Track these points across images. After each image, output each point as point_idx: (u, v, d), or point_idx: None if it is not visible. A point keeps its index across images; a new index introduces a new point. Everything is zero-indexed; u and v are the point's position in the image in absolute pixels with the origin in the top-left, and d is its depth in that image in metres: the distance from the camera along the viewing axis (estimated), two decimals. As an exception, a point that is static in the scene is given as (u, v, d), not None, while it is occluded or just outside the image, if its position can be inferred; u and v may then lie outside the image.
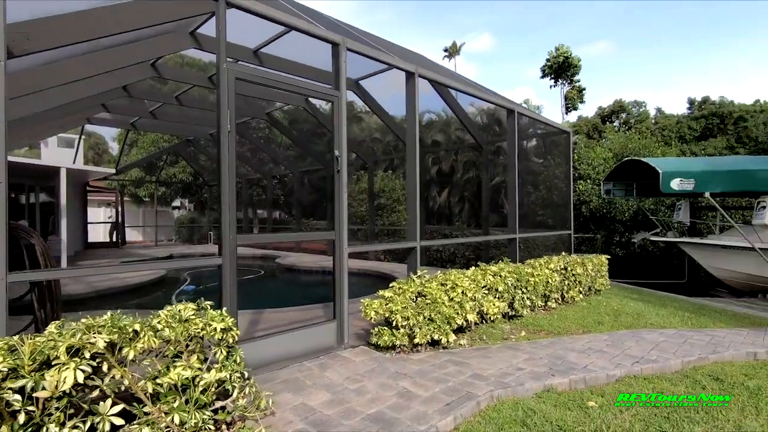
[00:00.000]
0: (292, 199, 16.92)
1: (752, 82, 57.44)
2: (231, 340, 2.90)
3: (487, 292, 5.31)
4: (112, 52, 5.87)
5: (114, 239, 18.10)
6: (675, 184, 10.07)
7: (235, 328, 2.91)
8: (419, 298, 4.49)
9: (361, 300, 4.43)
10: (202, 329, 2.80)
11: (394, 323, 4.22)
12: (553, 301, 6.46)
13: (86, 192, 17.31)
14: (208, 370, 2.77)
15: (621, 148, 18.59)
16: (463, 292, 4.74)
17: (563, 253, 7.72)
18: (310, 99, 10.65)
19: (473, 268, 5.54)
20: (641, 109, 26.40)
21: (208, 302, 3.03)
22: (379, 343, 4.21)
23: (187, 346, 2.81)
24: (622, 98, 26.64)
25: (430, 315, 4.33)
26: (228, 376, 2.78)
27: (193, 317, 2.80)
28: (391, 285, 4.55)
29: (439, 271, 5.22)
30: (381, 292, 4.48)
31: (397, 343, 4.21)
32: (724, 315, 7.37)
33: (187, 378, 2.64)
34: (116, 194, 19.16)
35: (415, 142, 5.05)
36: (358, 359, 4.04)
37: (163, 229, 23.54)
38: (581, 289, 7.19)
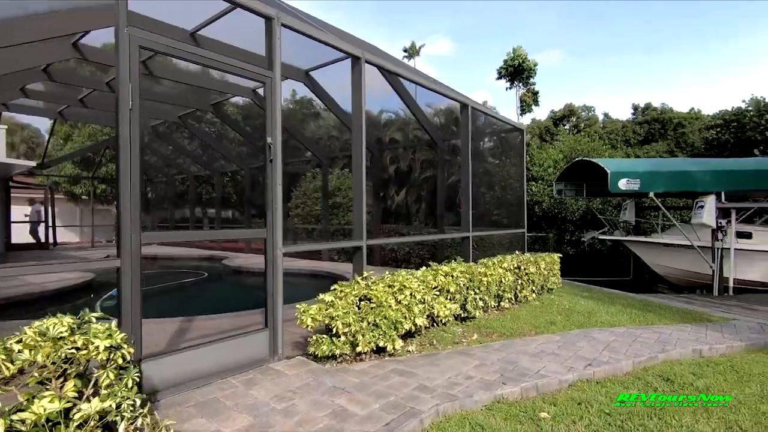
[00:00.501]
0: (243, 197, 16.03)
1: (690, 92, 62.16)
2: (121, 360, 2.37)
3: (438, 293, 5.01)
4: (23, 23, 5.05)
5: (37, 239, 16.41)
6: (622, 184, 10.33)
7: (126, 346, 2.38)
8: (363, 302, 4.10)
9: (297, 306, 3.97)
10: (81, 348, 2.26)
11: (334, 330, 3.80)
12: (507, 301, 6.29)
13: (8, 188, 15.55)
14: (89, 399, 2.23)
15: (571, 150, 19.19)
16: (411, 294, 4.40)
17: (517, 252, 7.61)
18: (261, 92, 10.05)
19: (424, 268, 5.23)
20: (590, 114, 27.64)
21: (95, 314, 2.48)
22: (317, 353, 3.77)
23: (64, 370, 2.26)
24: (573, 102, 27.77)
25: (374, 320, 3.95)
26: (114, 405, 2.25)
27: (68, 334, 2.24)
28: (332, 288, 4.12)
29: (387, 272, 4.85)
30: (321, 296, 4.05)
31: (338, 352, 3.79)
32: (668, 311, 7.54)
33: (56, 411, 2.10)
34: (45, 191, 17.40)
35: (361, 136, 4.66)
36: (293, 372, 3.58)
37: (106, 229, 21.75)
38: (534, 288, 7.09)
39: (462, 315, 5.42)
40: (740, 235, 10.86)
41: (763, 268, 10.84)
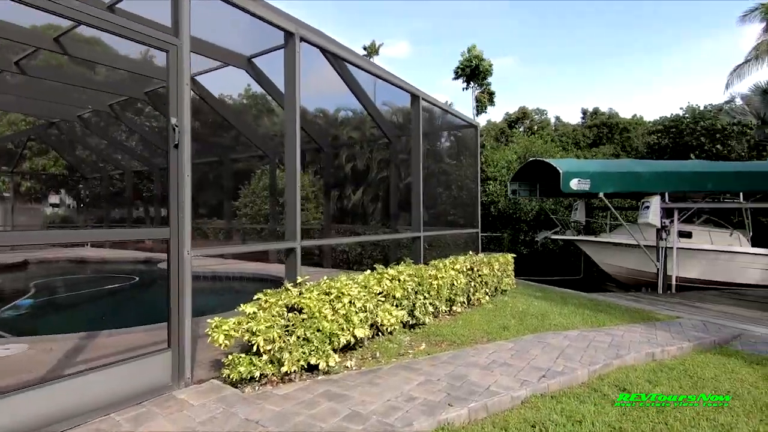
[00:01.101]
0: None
1: (633, 99, 66.27)
2: None
3: (383, 299, 4.52)
4: None
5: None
6: (574, 184, 10.37)
7: None
8: (292, 313, 3.52)
9: (208, 320, 3.33)
10: None
11: (255, 348, 3.21)
12: (459, 305, 5.91)
13: None
14: None
15: (525, 151, 19.47)
16: (351, 302, 3.88)
17: (470, 253, 7.30)
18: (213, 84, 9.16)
19: (368, 271, 4.73)
20: (543, 117, 28.45)
21: None
22: (233, 376, 3.16)
23: None
24: (527, 105, 28.49)
25: (305, 334, 3.39)
26: None
27: None
28: (256, 297, 3.52)
29: (325, 276, 4.30)
30: (242, 307, 3.43)
31: (258, 373, 3.19)
32: (617, 311, 7.51)
33: None
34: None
35: (294, 128, 4.08)
36: (199, 402, 2.95)
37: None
38: (488, 290, 6.79)
39: (410, 322, 4.96)
40: (681, 234, 11.25)
41: (701, 266, 11.29)
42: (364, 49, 49.41)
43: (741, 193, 10.70)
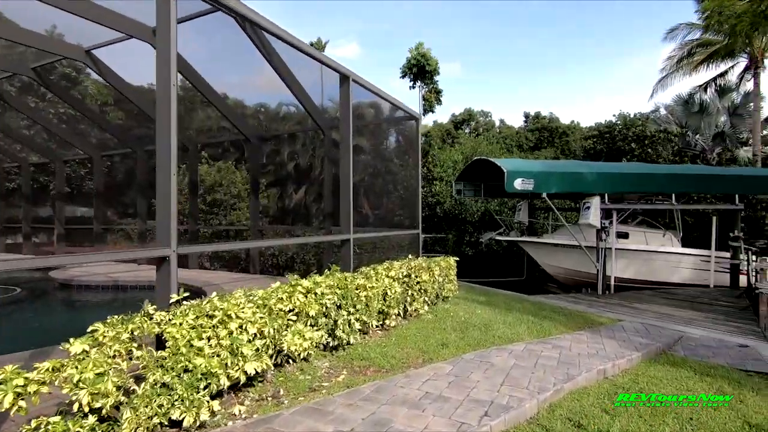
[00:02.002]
0: (92, 191, 12.88)
1: (572, 105, 70.33)
2: None
3: (294, 318, 3.62)
4: None
5: None
6: (518, 184, 10.04)
7: None
8: (145, 351, 2.53)
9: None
10: None
11: (76, 406, 2.18)
12: (393, 317, 5.14)
13: None
14: None
15: (471, 151, 19.34)
16: (242, 328, 2.94)
17: (410, 257, 6.57)
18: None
19: (276, 284, 3.79)
20: (488, 119, 28.85)
21: None
22: (39, 451, 2.11)
23: None
24: (472, 107, 28.73)
25: (163, 379, 2.41)
26: None
27: None
28: (91, 328, 2.47)
29: (214, 295, 3.31)
30: (66, 345, 2.38)
31: (82, 445, 2.17)
32: (561, 316, 7.15)
33: None
34: None
35: (169, 112, 3.08)
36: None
37: None
38: (428, 298, 6.09)
39: (331, 343, 4.09)
40: (619, 235, 11.35)
41: (637, 266, 11.45)
42: (311, 46, 48.01)
43: (673, 195, 10.95)
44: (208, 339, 2.80)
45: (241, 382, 2.90)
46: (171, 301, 2.99)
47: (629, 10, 68.09)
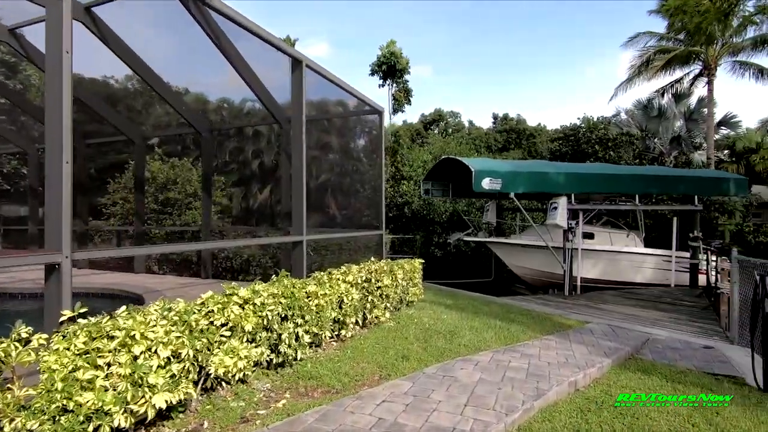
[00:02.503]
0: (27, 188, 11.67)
1: (539, 108, 72.22)
2: None
3: (229, 334, 3.09)
4: None
5: None
6: (485, 184, 9.81)
7: None
8: (13, 385, 1.95)
9: None
10: None
11: None
12: (351, 327, 4.67)
13: None
14: None
15: (439, 151, 19.15)
16: (152, 351, 2.39)
17: (372, 259, 6.13)
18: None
19: (208, 293, 3.25)
20: (457, 119, 28.89)
21: None
22: None
23: None
24: (442, 108, 28.67)
25: (27, 426, 1.84)
26: None
27: None
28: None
29: (122, 309, 2.73)
30: None
31: None
32: (529, 319, 6.91)
33: None
34: None
35: (61, 82, 2.49)
36: None
37: None
38: (390, 304, 5.66)
39: (275, 360, 3.58)
40: (585, 235, 11.35)
41: (602, 267, 11.50)
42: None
43: (636, 196, 11.05)
44: (108, 366, 2.25)
45: (149, 418, 2.35)
46: (62, 319, 2.40)
47: (593, 18, 70.74)
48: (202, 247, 7.46)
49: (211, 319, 3.07)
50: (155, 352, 2.40)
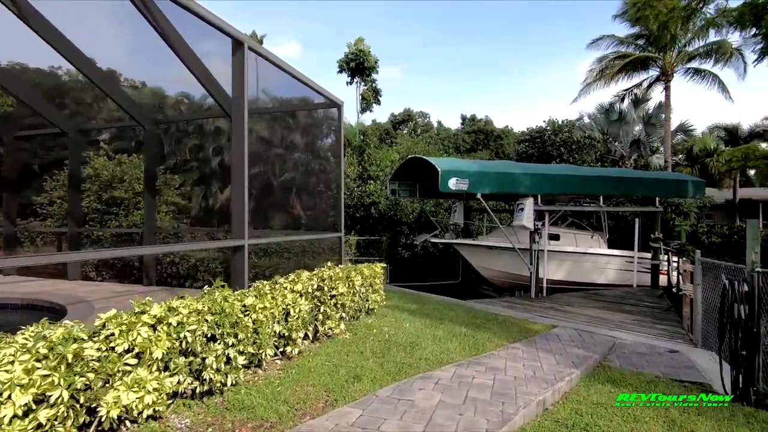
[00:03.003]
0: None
1: (507, 111, 73.70)
2: None
3: (135, 361, 2.52)
4: None
5: None
6: (452, 184, 9.50)
7: None
8: None
9: None
10: None
11: None
12: (299, 342, 4.15)
13: None
14: None
15: (407, 151, 18.84)
16: (2, 398, 1.81)
17: (329, 264, 5.62)
18: None
19: (112, 311, 2.66)
20: (426, 120, 28.72)
21: None
22: None
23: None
24: (412, 108, 28.44)
25: None
26: None
27: None
28: None
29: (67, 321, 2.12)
30: None
31: None
32: (495, 324, 6.62)
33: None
34: None
35: None
36: None
37: None
38: (346, 313, 5.18)
39: (200, 389, 3.02)
40: (551, 237, 11.27)
41: (567, 268, 11.45)
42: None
43: (601, 197, 11.06)
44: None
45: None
46: None
47: (564, 20, 72.93)
48: (126, 254, 6.71)
49: (112, 344, 2.50)
50: (9, 398, 1.81)
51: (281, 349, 3.98)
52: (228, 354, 3.15)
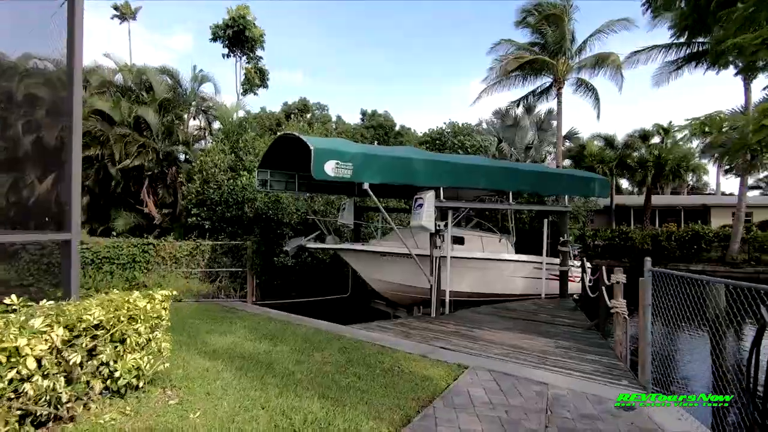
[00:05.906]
0: None
1: (404, 114, 74.40)
2: None
3: None
4: None
5: None
6: (330, 168, 6.97)
7: None
8: None
9: None
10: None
11: None
12: None
13: None
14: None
15: (296, 139, 15.92)
16: None
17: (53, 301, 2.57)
18: None
19: None
20: (324, 112, 25.99)
21: None
22: None
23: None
24: (308, 98, 25.46)
25: None
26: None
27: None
28: None
29: None
30: None
31: None
32: (372, 378, 4.22)
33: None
34: None
35: None
36: None
37: None
38: (106, 374, 2.19)
39: None
40: (455, 240, 9.34)
41: (472, 277, 9.63)
42: (115, 9, 37.79)
43: (510, 194, 9.46)
44: None
45: None
46: None
47: (472, 26, 75.96)
48: None
49: None
50: None
51: None
52: None
